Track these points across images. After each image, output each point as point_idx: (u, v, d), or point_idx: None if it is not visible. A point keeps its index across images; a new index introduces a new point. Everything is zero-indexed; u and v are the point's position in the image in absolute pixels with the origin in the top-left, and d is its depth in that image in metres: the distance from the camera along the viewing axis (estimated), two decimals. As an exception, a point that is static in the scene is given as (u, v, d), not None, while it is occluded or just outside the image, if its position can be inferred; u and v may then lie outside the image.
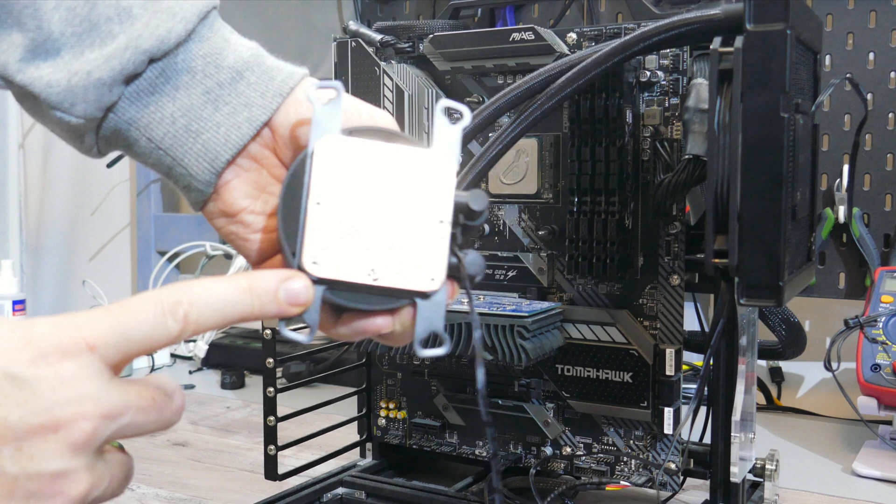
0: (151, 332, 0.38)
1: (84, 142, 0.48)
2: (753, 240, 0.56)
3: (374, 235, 0.43)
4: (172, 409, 0.40)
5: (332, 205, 0.43)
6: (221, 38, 0.48)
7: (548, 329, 0.73)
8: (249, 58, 0.48)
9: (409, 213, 0.43)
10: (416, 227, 0.43)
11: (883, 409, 0.90)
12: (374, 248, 0.43)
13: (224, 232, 0.49)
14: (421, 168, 0.43)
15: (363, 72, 0.80)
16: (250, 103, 0.47)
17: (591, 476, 0.76)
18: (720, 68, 0.57)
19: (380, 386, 0.86)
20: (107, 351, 0.38)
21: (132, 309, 0.38)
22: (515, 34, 0.74)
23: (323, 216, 0.42)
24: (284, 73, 0.48)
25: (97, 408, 0.37)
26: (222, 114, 0.47)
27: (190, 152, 0.47)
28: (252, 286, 0.41)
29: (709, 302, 0.87)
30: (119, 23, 0.45)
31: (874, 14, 1.07)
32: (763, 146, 0.55)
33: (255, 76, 0.47)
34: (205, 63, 0.47)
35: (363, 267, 0.42)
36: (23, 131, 1.86)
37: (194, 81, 0.47)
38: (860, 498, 0.84)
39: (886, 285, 0.95)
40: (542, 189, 0.77)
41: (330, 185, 0.43)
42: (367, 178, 0.43)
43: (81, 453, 0.37)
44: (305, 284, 0.42)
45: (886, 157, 1.08)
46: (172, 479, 0.90)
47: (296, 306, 0.42)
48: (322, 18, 1.45)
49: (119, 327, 0.38)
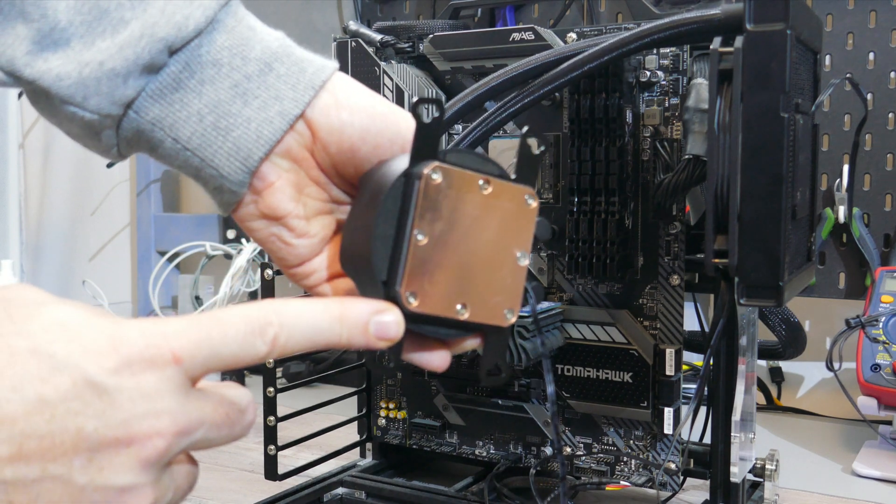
0: (239, 350, 0.37)
1: (101, 140, 0.45)
2: (753, 240, 0.56)
3: (465, 269, 0.42)
4: (244, 424, 0.39)
5: (433, 237, 0.41)
6: (247, 27, 0.45)
7: (548, 329, 0.73)
8: (278, 48, 0.46)
9: (497, 247, 0.43)
10: (502, 262, 0.43)
11: (883, 409, 0.90)
12: (465, 282, 0.42)
13: (261, 235, 0.47)
14: (511, 201, 0.43)
15: (363, 72, 0.80)
16: (281, 96, 0.45)
17: (591, 476, 0.76)
18: (720, 68, 0.57)
19: (380, 386, 0.86)
20: (192, 364, 0.36)
21: (222, 324, 0.37)
22: (515, 34, 0.74)
23: (424, 249, 0.41)
24: (316, 64, 0.46)
25: (173, 424, 0.36)
26: (252, 108, 0.44)
27: (220, 151, 0.45)
28: (343, 315, 0.39)
29: (709, 302, 0.88)
30: (131, 8, 0.43)
31: (874, 14, 1.07)
32: (763, 146, 0.55)
33: (284, 68, 0.45)
34: (231, 55, 0.44)
35: (454, 302, 0.42)
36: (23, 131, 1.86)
37: (221, 75, 0.44)
38: (860, 498, 0.84)
39: (886, 285, 0.95)
40: (542, 189, 0.77)
41: (433, 217, 0.41)
42: (467, 211, 0.42)
43: (151, 469, 0.36)
44: (398, 320, 0.40)
45: (886, 157, 1.08)
46: (172, 479, 0.89)
47: (385, 341, 0.40)
48: (322, 18, 1.45)
49: (208, 342, 0.37)
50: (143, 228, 1.69)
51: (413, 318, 0.41)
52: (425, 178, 0.41)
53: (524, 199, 0.44)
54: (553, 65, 0.63)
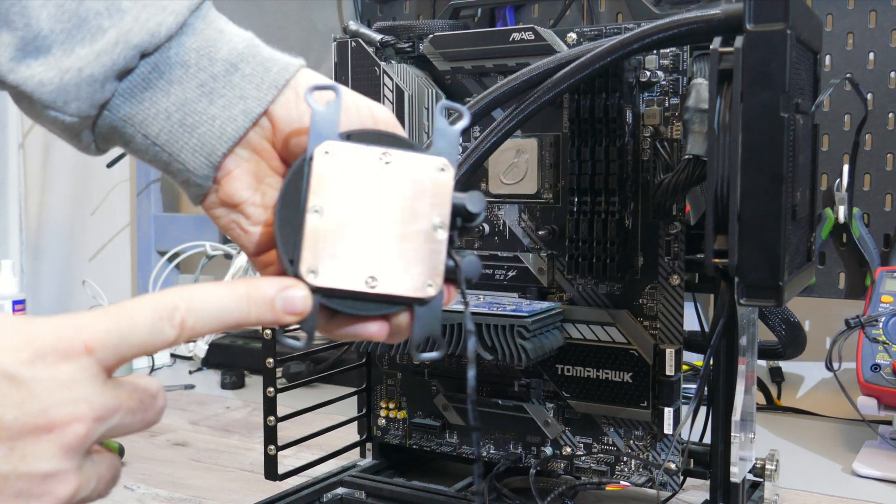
0: (148, 336, 0.39)
1: (81, 140, 0.48)
2: (753, 240, 0.56)
3: (372, 243, 0.42)
4: (156, 409, 0.41)
5: (330, 212, 0.42)
6: (216, 30, 0.47)
7: (548, 329, 0.73)
8: (244, 49, 0.47)
9: (407, 218, 0.43)
10: (415, 233, 0.43)
11: (883, 409, 0.90)
12: (373, 255, 0.42)
13: (223, 223, 0.49)
14: (419, 173, 0.43)
15: (363, 72, 0.80)
16: (245, 95, 0.46)
17: (591, 476, 0.76)
18: (720, 68, 0.57)
19: (380, 386, 0.86)
20: (104, 353, 0.38)
21: (130, 313, 0.39)
22: (515, 34, 0.74)
23: (321, 224, 0.42)
24: (280, 63, 0.47)
25: (91, 410, 0.37)
26: (217, 107, 0.46)
27: (186, 147, 0.46)
28: (250, 293, 0.41)
29: (709, 302, 0.88)
30: (108, 17, 0.45)
31: (874, 14, 1.07)
32: (763, 146, 0.55)
33: (249, 67, 0.47)
34: (198, 56, 0.46)
35: (362, 275, 0.42)
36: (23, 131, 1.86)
37: (188, 75, 0.46)
38: (860, 498, 0.84)
39: (886, 285, 0.95)
40: (542, 189, 0.77)
41: (328, 193, 0.42)
42: (366, 185, 0.43)
43: (72, 455, 0.37)
44: (304, 294, 0.42)
45: (886, 157, 1.08)
46: (172, 479, 0.90)
47: (293, 315, 0.42)
48: (322, 18, 1.45)
49: (117, 330, 0.38)
50: (143, 228, 1.69)
51: (322, 293, 0.42)
52: (315, 158, 0.43)
53: (436, 169, 0.43)
54: (553, 71, 0.63)
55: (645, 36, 0.60)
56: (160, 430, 1.07)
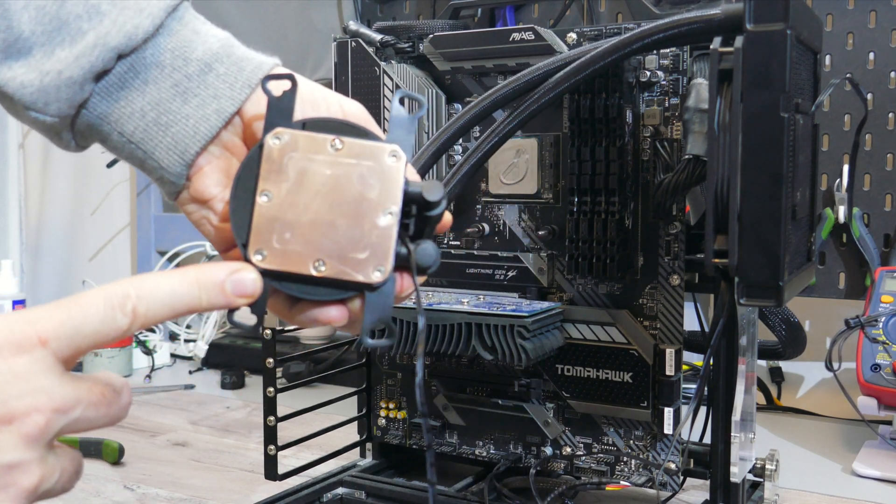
0: (101, 326, 0.39)
1: (62, 138, 0.48)
2: (753, 240, 0.56)
3: (320, 228, 0.43)
4: (120, 404, 0.41)
5: (278, 197, 0.43)
6: (191, 31, 0.48)
7: (548, 329, 0.73)
8: (219, 49, 0.48)
9: (356, 205, 0.43)
10: (364, 220, 0.43)
11: (883, 409, 0.90)
12: (321, 240, 0.43)
13: (194, 218, 0.49)
14: (370, 159, 0.44)
15: (363, 72, 0.80)
16: (219, 95, 0.47)
17: (591, 476, 0.76)
18: (720, 68, 0.57)
19: (380, 386, 0.86)
20: (58, 345, 0.38)
21: (82, 304, 0.39)
22: (515, 34, 0.74)
23: (269, 208, 0.43)
24: (254, 63, 0.48)
25: (50, 401, 0.37)
26: (191, 106, 0.47)
27: (160, 145, 0.47)
28: (199, 278, 0.42)
29: (709, 302, 0.88)
30: (88, 20, 0.45)
31: (874, 14, 1.07)
32: (763, 146, 0.55)
33: (223, 67, 0.47)
34: (173, 56, 0.47)
35: (309, 258, 0.43)
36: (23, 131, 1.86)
37: (163, 75, 0.47)
38: (860, 498, 0.84)
39: (886, 285, 0.95)
40: (542, 189, 0.77)
41: (277, 178, 0.43)
42: (315, 170, 0.43)
43: (34, 446, 0.37)
44: (253, 277, 0.42)
45: (886, 157, 1.08)
46: (172, 479, 0.90)
47: (243, 297, 0.42)
48: (322, 18, 1.45)
49: (70, 322, 0.39)
50: (143, 228, 1.69)
51: (270, 275, 0.43)
52: (266, 143, 0.44)
53: (385, 156, 0.44)
54: (554, 72, 0.63)
55: (645, 36, 0.60)
56: (160, 429, 1.07)
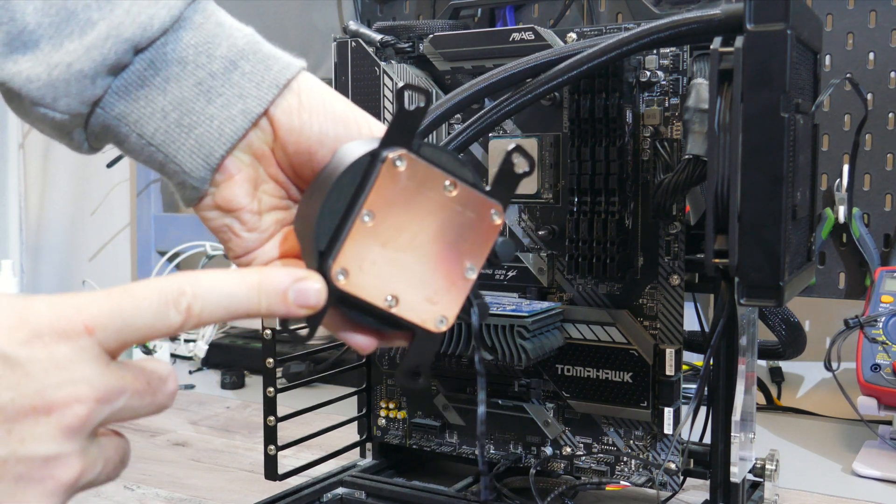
0: (153, 320, 0.37)
1: (73, 139, 0.46)
2: (754, 240, 0.56)
3: (407, 264, 0.42)
4: (167, 392, 0.39)
5: (380, 222, 0.41)
6: (215, 24, 0.45)
7: (548, 329, 0.73)
8: (245, 45, 0.46)
9: (447, 252, 0.42)
10: (449, 269, 0.42)
11: (883, 409, 0.90)
12: (403, 276, 0.42)
13: (214, 225, 0.47)
14: (475, 212, 0.42)
15: (363, 72, 0.80)
16: (245, 94, 0.45)
17: (591, 476, 0.76)
18: (720, 68, 0.57)
19: (380, 386, 0.86)
20: (105, 335, 0.37)
21: (135, 295, 0.37)
22: (515, 34, 0.74)
23: (369, 232, 0.41)
24: (282, 62, 0.46)
25: (92, 391, 0.36)
26: (216, 106, 0.45)
27: (183, 148, 0.45)
28: (262, 283, 0.40)
29: (709, 302, 0.87)
30: (98, 9, 0.43)
31: (874, 14, 1.07)
32: (763, 146, 0.55)
33: (250, 65, 0.45)
34: (196, 52, 0.45)
35: (385, 291, 0.41)
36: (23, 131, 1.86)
37: (186, 72, 0.44)
38: (860, 498, 0.84)
39: (886, 285, 0.95)
40: (542, 189, 0.77)
41: (386, 202, 0.41)
42: (424, 207, 0.42)
43: (74, 437, 0.36)
44: (319, 287, 0.40)
45: (886, 157, 1.08)
46: (172, 479, 0.90)
47: (305, 308, 0.40)
48: (322, 18, 1.45)
49: (120, 312, 0.37)
50: (143, 228, 1.69)
51: (338, 296, 0.41)
52: (389, 162, 0.40)
53: (490, 213, 0.43)
54: (552, 64, 0.63)
55: (644, 35, 0.60)
56: (160, 429, 1.07)
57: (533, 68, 0.63)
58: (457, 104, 0.65)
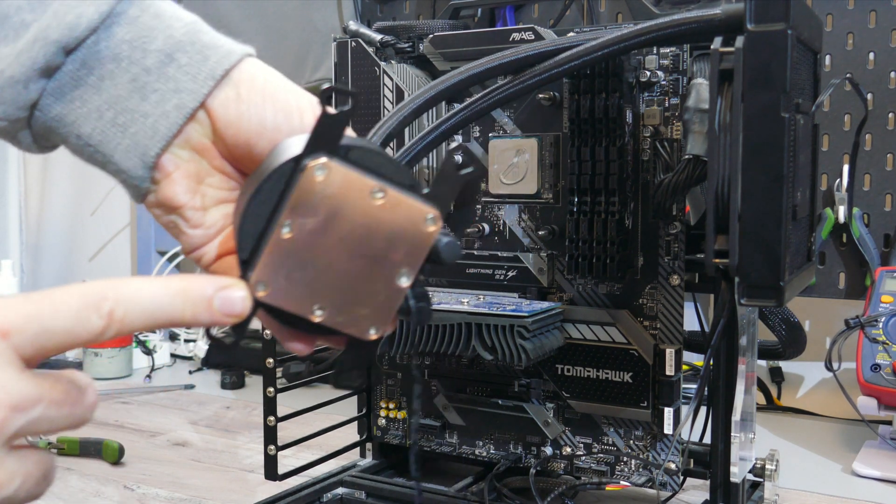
0: (73, 325, 0.36)
1: (21, 141, 0.45)
2: (754, 240, 0.56)
3: (332, 274, 0.40)
4: (85, 404, 0.37)
5: (302, 234, 0.39)
6: (152, 16, 0.43)
7: (548, 329, 0.73)
8: (182, 36, 0.43)
9: (377, 261, 0.40)
10: (378, 278, 0.41)
11: (883, 409, 0.90)
12: (329, 287, 0.40)
13: (162, 222, 0.47)
14: (406, 219, 0.40)
15: (363, 72, 0.80)
16: (180, 88, 0.43)
17: (591, 476, 0.76)
18: (721, 68, 0.57)
19: (380, 386, 0.86)
20: (21, 339, 0.35)
21: (55, 300, 0.36)
22: (515, 34, 0.74)
23: (288, 244, 0.39)
24: (221, 51, 0.44)
25: (7, 397, 0.34)
26: (150, 103, 0.43)
27: (119, 148, 0.44)
28: (186, 290, 0.38)
29: (709, 302, 0.87)
30: (31, 10, 0.41)
31: (874, 14, 1.07)
32: (764, 146, 0.55)
33: (187, 57, 0.43)
34: (131, 48, 0.43)
35: (311, 302, 0.40)
36: (23, 131, 1.86)
37: (120, 69, 0.43)
38: (860, 498, 0.84)
39: (886, 285, 0.95)
40: (542, 189, 0.77)
41: (307, 213, 0.39)
42: (349, 216, 0.40)
43: None
44: (244, 296, 0.39)
45: (886, 157, 1.08)
46: (172, 479, 0.90)
47: (230, 317, 0.39)
48: (322, 18, 1.44)
49: (38, 316, 0.35)
50: (143, 228, 1.69)
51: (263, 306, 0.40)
52: (309, 171, 0.39)
53: (424, 219, 0.40)
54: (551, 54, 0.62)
55: (644, 33, 0.60)
56: (160, 429, 1.07)
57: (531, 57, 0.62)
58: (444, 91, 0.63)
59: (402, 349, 0.74)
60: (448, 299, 0.75)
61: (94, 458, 0.95)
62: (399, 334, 0.72)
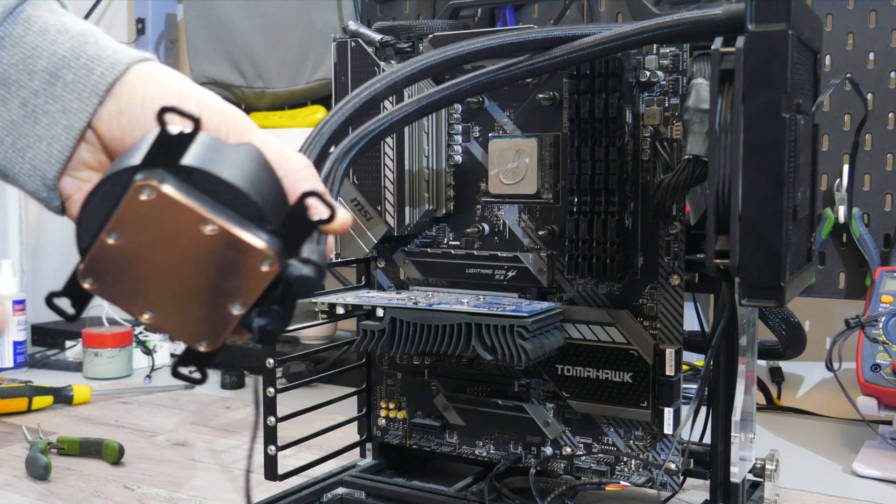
0: None
1: None
2: (754, 240, 0.56)
3: (160, 286, 0.40)
4: None
5: (128, 247, 0.39)
6: (36, 33, 0.42)
7: (548, 329, 0.73)
8: (67, 52, 0.42)
9: (209, 288, 0.39)
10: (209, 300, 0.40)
11: (883, 409, 0.90)
12: (159, 296, 0.40)
13: None
14: (241, 258, 0.38)
15: (363, 72, 0.80)
16: (67, 108, 0.42)
17: (591, 476, 0.76)
18: (721, 68, 0.57)
19: (380, 386, 0.86)
20: None
21: None
22: (516, 34, 0.74)
23: (114, 251, 0.39)
24: (105, 64, 0.42)
25: None
26: (42, 126, 0.42)
27: (21, 172, 0.43)
28: None
29: (709, 302, 0.88)
30: None
31: (874, 14, 1.07)
32: (764, 146, 0.55)
33: (72, 74, 0.42)
34: (18, 71, 0.42)
35: (138, 304, 0.41)
36: (22, 131, 1.86)
37: (11, 94, 0.42)
38: (860, 498, 0.84)
39: (886, 285, 0.95)
40: (542, 189, 0.77)
41: (134, 229, 0.39)
42: (178, 243, 0.39)
43: None
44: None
45: (886, 157, 1.08)
46: (172, 479, 0.89)
47: None
48: (322, 18, 1.44)
49: None
50: (142, 228, 1.69)
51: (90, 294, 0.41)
52: (135, 188, 0.38)
53: (260, 260, 0.38)
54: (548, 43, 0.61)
55: (643, 32, 0.60)
56: (160, 430, 1.07)
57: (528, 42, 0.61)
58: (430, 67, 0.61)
59: (403, 349, 0.74)
60: (448, 299, 0.75)
61: (94, 458, 0.95)
62: (399, 334, 0.73)
